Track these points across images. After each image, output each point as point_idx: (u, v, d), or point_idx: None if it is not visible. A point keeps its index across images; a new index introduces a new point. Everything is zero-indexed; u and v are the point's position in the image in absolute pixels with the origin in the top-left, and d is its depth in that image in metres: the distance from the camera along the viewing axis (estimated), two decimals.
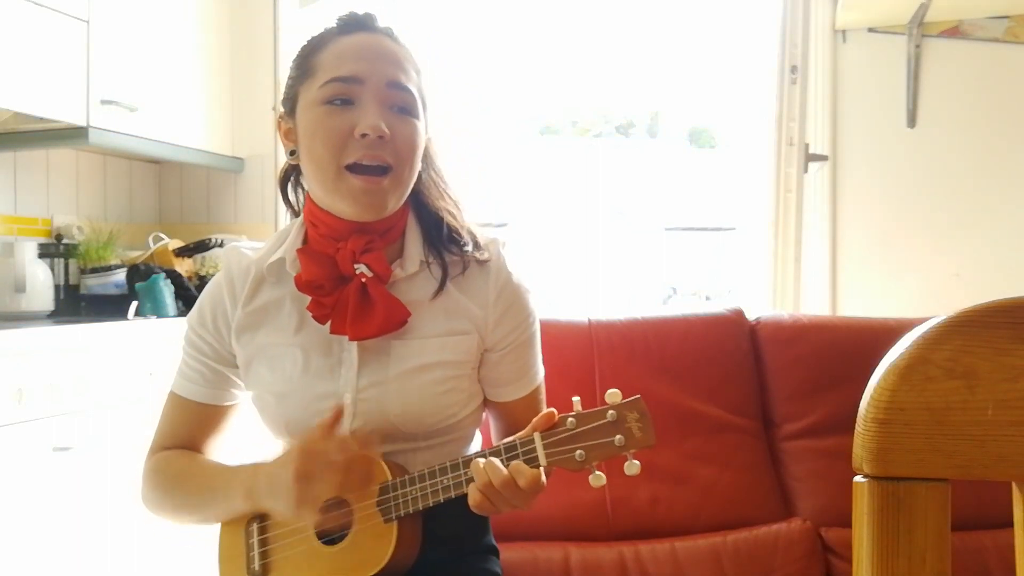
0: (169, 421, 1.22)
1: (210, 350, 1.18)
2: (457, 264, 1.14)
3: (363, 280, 1.09)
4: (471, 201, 1.26)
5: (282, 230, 1.21)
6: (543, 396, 1.22)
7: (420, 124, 1.11)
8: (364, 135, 1.04)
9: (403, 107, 1.08)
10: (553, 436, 1.01)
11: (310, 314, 1.11)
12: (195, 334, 1.19)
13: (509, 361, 1.17)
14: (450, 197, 1.19)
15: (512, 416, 1.19)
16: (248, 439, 1.29)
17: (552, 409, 1.03)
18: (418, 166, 1.12)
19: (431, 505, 1.05)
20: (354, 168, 1.06)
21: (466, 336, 1.13)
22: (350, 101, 1.06)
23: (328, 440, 1.01)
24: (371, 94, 1.06)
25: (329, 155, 1.06)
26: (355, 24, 1.11)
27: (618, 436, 0.99)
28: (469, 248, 1.14)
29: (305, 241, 1.16)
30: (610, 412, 0.99)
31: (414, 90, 1.09)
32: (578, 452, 0.99)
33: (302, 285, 1.11)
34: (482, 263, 1.15)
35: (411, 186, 1.13)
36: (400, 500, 1.06)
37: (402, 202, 1.13)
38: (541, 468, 1.00)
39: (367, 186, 1.06)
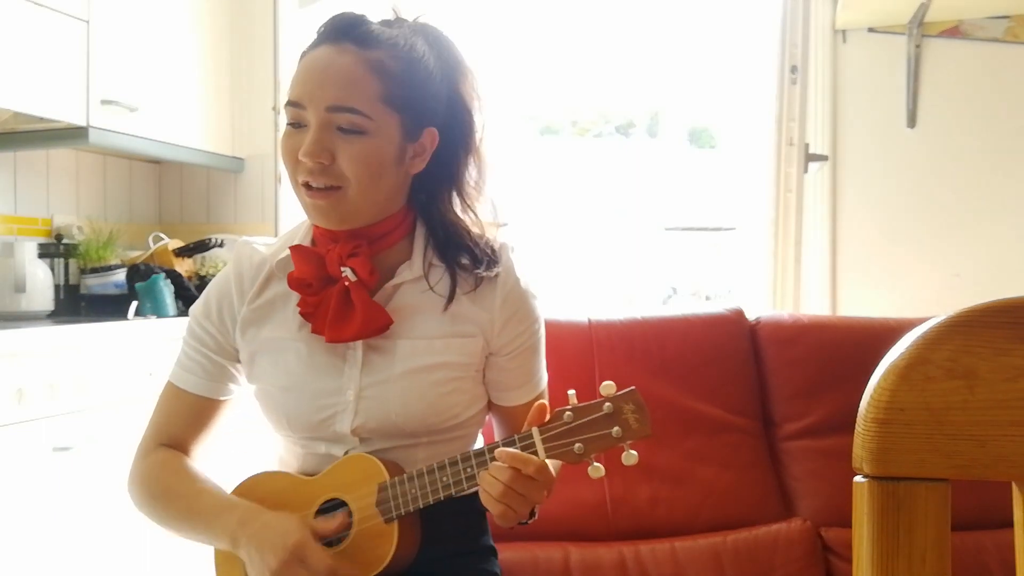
0: (164, 412, 1.21)
1: (212, 342, 1.18)
2: (470, 280, 1.13)
3: (346, 284, 1.09)
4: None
5: (295, 227, 1.22)
6: (546, 401, 1.22)
7: (373, 139, 1.06)
8: (303, 161, 1.06)
9: (349, 128, 1.05)
10: (551, 430, 1.02)
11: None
12: (199, 325, 1.19)
13: (515, 366, 1.17)
14: (473, 212, 1.17)
15: (517, 421, 1.19)
16: (245, 435, 1.29)
17: (544, 402, 1.05)
18: (383, 178, 1.09)
19: (431, 503, 1.05)
20: (306, 186, 1.08)
21: (471, 339, 1.13)
22: (302, 124, 1.08)
23: (321, 553, 1.02)
24: (314, 118, 1.06)
25: (289, 173, 1.10)
26: (323, 36, 1.09)
27: (615, 428, 1.00)
28: (481, 269, 1.13)
29: (313, 239, 1.17)
30: (606, 404, 1.01)
31: (361, 107, 1.05)
32: (577, 445, 1.01)
33: (292, 282, 1.13)
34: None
35: (382, 197, 1.11)
36: (400, 499, 1.06)
37: (376, 213, 1.12)
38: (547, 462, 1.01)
39: (315, 202, 1.08)
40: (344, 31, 1.07)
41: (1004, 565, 1.66)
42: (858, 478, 0.52)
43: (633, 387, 1.02)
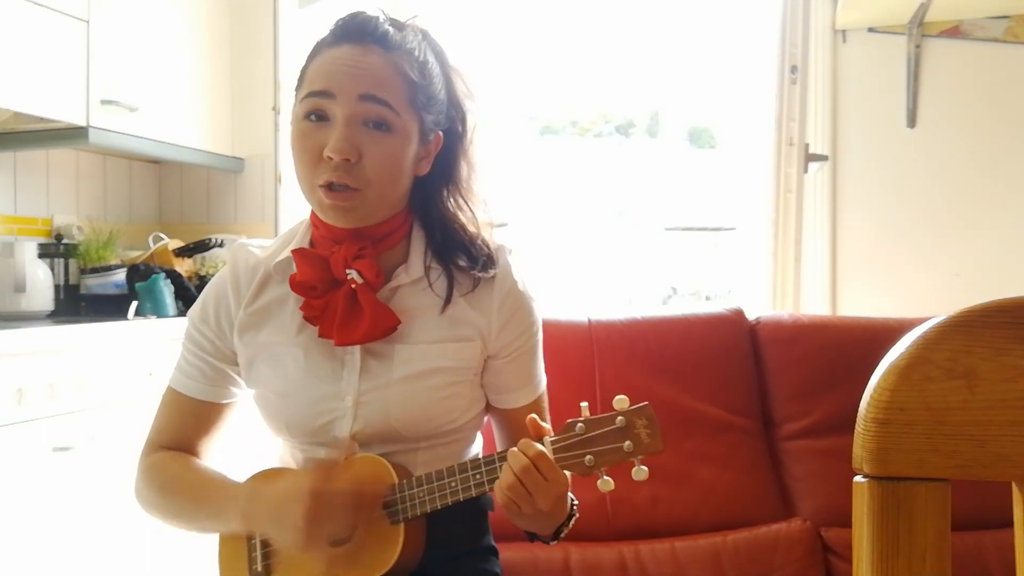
0: (165, 417, 1.21)
1: (211, 346, 1.18)
2: (467, 281, 1.13)
3: (353, 286, 1.09)
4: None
5: (290, 229, 1.21)
6: (546, 403, 1.23)
7: (398, 138, 1.07)
8: (330, 158, 1.04)
9: (378, 122, 1.05)
10: (563, 441, 1.02)
11: None
12: (196, 330, 1.19)
13: (513, 369, 1.17)
14: (469, 209, 1.17)
15: (516, 423, 1.19)
16: (245, 438, 1.29)
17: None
18: (400, 180, 1.10)
19: (439, 508, 1.05)
20: (325, 186, 1.06)
21: (469, 343, 1.13)
22: (325, 117, 1.06)
23: (339, 480, 1.02)
24: (342, 109, 1.04)
25: (304, 172, 1.08)
26: (344, 35, 1.08)
27: (627, 442, 1.00)
28: (477, 267, 1.13)
29: (311, 242, 1.17)
30: (619, 418, 1.00)
31: (392, 102, 1.06)
32: (587, 457, 1.00)
33: (295, 285, 1.11)
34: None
35: (395, 199, 1.11)
36: (408, 503, 1.06)
37: (386, 213, 1.12)
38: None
39: (335, 203, 1.06)
40: (367, 32, 1.08)
41: (1004, 565, 1.66)
42: (858, 478, 0.52)
43: (646, 403, 1.02)
